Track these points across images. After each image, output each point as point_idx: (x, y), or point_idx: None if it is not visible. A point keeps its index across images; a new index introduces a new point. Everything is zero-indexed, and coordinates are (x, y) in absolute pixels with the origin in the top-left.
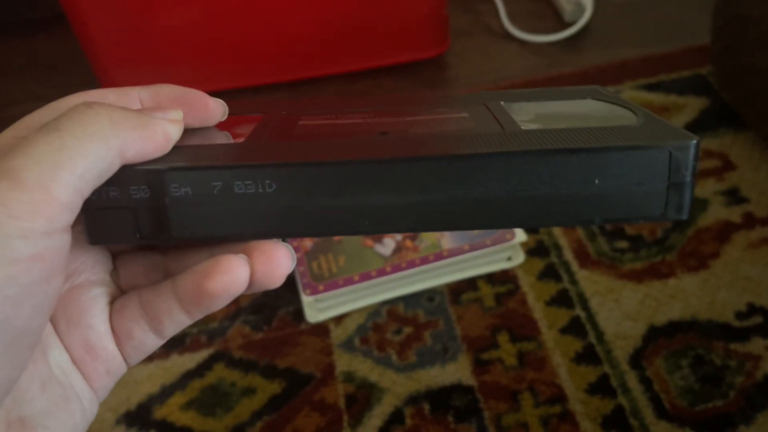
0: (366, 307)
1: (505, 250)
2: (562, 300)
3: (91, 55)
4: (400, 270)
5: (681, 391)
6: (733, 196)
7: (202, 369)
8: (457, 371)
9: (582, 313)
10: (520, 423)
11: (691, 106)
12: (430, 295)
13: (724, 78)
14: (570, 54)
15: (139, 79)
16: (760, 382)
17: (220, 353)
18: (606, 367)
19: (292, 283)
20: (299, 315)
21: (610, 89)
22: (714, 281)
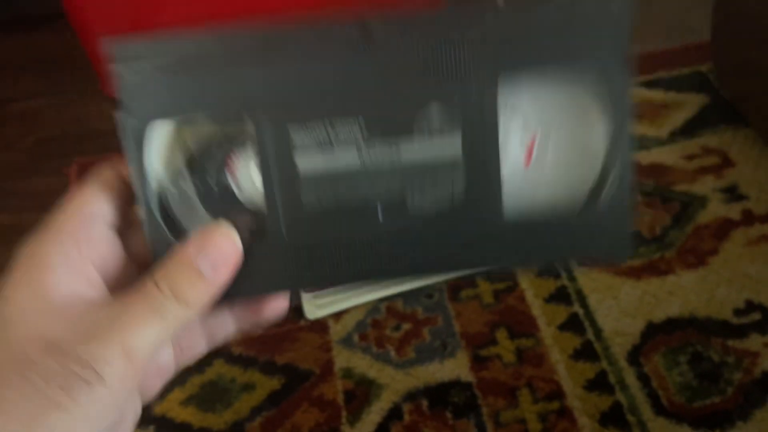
0: (365, 303)
1: None
2: (560, 297)
3: (91, 51)
4: None
5: (679, 387)
6: (732, 194)
7: (201, 365)
8: (456, 367)
9: (580, 310)
10: (518, 419)
11: (690, 103)
12: (428, 291)
13: (723, 75)
14: None
15: None
16: (758, 378)
17: (219, 349)
18: (604, 364)
19: None
20: (298, 311)
21: None
22: (712, 278)
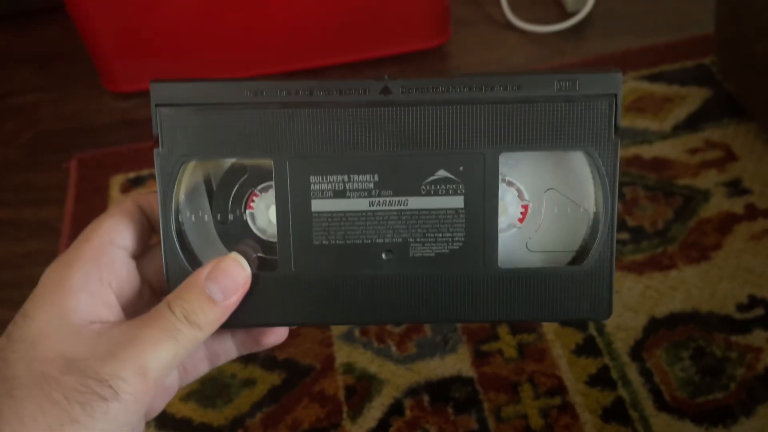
0: None
1: None
2: None
3: (90, 45)
4: None
5: (681, 383)
6: (735, 188)
7: None
8: (457, 363)
9: None
10: (519, 415)
11: (693, 97)
12: None
13: (727, 68)
14: (572, 44)
15: (138, 69)
16: (761, 374)
17: None
18: (606, 359)
19: None
20: None
21: None
22: (715, 273)
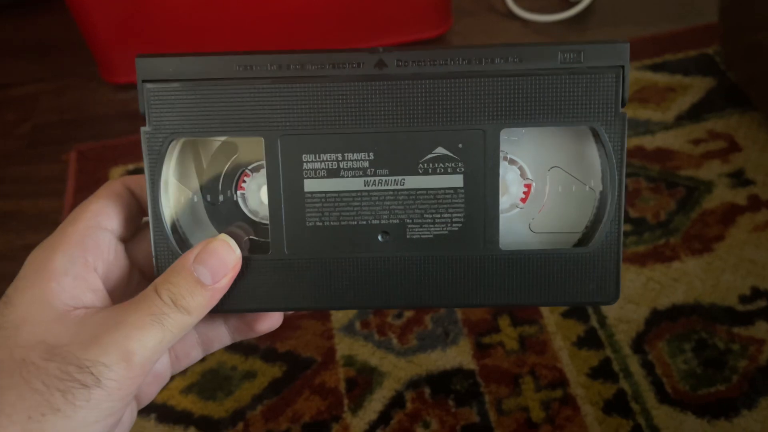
0: None
1: None
2: None
3: (88, 36)
4: None
5: (683, 375)
6: (738, 178)
7: None
8: (458, 355)
9: None
10: (521, 407)
11: (696, 87)
12: None
13: (731, 57)
14: (574, 34)
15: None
16: (764, 366)
17: None
18: (608, 351)
19: None
20: None
21: None
22: (718, 264)
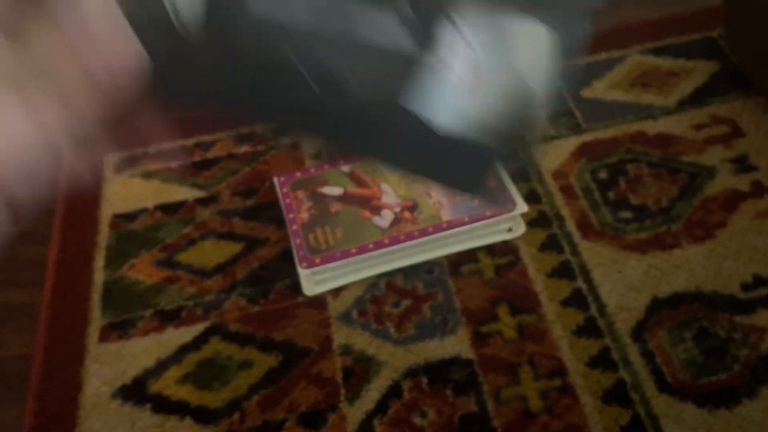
0: (364, 279)
1: (505, 221)
2: (563, 272)
3: None
4: (399, 242)
5: (684, 364)
6: (741, 164)
7: (198, 342)
8: (457, 344)
9: (584, 285)
10: (519, 396)
11: (700, 71)
12: (429, 267)
13: (736, 41)
14: None
15: None
16: (765, 355)
17: (216, 326)
18: (607, 340)
19: (288, 256)
20: (296, 288)
21: (615, 54)
22: (720, 251)
